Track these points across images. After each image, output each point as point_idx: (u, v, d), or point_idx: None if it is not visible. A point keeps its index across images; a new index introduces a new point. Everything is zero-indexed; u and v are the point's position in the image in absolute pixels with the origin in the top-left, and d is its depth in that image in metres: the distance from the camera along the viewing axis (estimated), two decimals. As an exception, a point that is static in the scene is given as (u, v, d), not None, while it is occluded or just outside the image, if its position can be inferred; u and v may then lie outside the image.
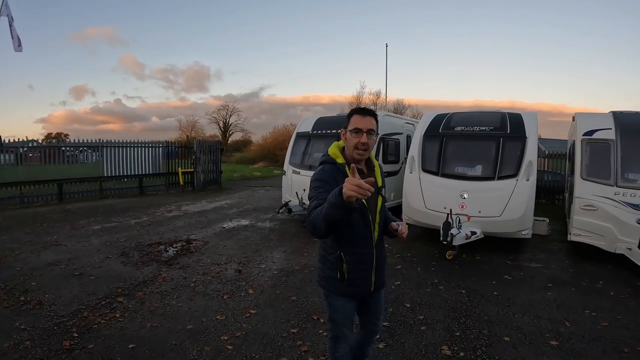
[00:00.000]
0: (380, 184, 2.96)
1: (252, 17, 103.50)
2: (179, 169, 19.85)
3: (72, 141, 17.97)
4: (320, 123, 11.92)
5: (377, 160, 3.21)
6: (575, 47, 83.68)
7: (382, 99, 48.39)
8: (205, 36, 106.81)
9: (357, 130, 2.74)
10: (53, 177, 16.09)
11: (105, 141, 17.70)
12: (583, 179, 8.13)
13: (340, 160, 2.83)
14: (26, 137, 16.05)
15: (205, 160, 20.52)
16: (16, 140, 16.01)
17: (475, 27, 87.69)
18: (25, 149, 16.50)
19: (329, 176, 2.72)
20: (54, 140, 17.43)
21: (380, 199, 2.94)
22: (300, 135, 12.04)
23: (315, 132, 11.71)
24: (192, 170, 20.05)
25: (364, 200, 2.63)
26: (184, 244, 9.03)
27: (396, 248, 8.82)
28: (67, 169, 16.98)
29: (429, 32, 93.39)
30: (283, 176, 12.07)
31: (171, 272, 7.06)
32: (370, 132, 2.75)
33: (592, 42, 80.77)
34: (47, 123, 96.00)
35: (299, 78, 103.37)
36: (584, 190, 8.06)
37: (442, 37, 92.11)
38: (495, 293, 6.27)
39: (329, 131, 11.31)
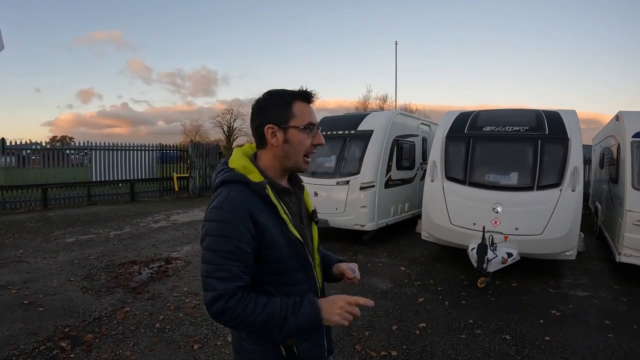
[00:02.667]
0: (310, 208, 1.96)
1: (260, 22, 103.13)
2: (174, 173, 18.70)
3: (77, 144, 16.95)
4: (325, 123, 10.60)
5: (391, 165, 1.92)
6: (582, 53, 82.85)
7: (388, 103, 47.45)
8: (213, 40, 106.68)
9: (312, 126, 1.75)
10: (36, 182, 15.21)
11: (93, 144, 16.62)
12: (635, 189, 6.93)
13: (255, 177, 1.69)
14: (29, 139, 15.28)
15: (202, 165, 19.29)
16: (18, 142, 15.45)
17: (478, 32, 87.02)
18: (28, 151, 15.95)
19: (236, 214, 1.58)
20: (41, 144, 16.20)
21: (315, 231, 1.93)
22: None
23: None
24: (187, 175, 18.84)
25: (298, 236, 1.71)
26: (162, 264, 7.70)
27: (415, 273, 7.47)
28: (53, 173, 15.84)
29: (433, 38, 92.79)
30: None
31: (136, 305, 5.73)
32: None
33: (598, 48, 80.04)
34: (54, 126, 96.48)
35: (306, 82, 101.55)
36: (637, 203, 6.86)
37: (446, 42, 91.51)
38: (547, 338, 4.94)
39: (334, 132, 10.09)
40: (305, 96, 1.74)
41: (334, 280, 2.04)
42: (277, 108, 1.71)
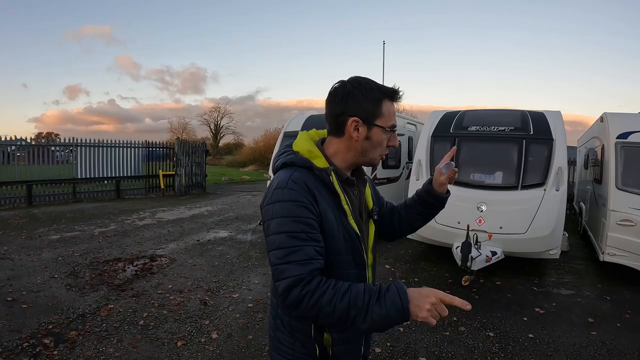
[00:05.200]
0: (371, 204, 1.83)
1: (251, 20, 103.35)
2: (160, 171, 18.56)
3: (62, 141, 16.80)
4: (311, 122, 10.57)
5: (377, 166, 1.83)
6: (571, 56, 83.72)
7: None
8: (203, 38, 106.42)
9: (394, 129, 1.68)
10: (21, 179, 14.98)
11: (79, 140, 16.42)
12: (619, 189, 7.00)
13: (320, 162, 1.61)
14: (14, 136, 15.03)
15: (188, 163, 19.19)
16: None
17: (467, 34, 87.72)
18: (13, 147, 15.59)
19: (303, 192, 1.50)
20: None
21: (372, 228, 1.81)
22: (289, 135, 10.62)
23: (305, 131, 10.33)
24: (173, 172, 18.78)
25: (357, 230, 1.62)
26: (147, 261, 7.65)
27: (400, 271, 7.48)
28: (38, 170, 15.59)
29: (422, 39, 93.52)
30: (268, 181, 10.70)
31: (120, 302, 5.68)
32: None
33: (588, 52, 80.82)
34: (40, 123, 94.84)
35: (295, 81, 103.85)
36: (620, 203, 6.92)
37: (435, 44, 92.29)
38: (530, 335, 4.97)
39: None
40: (394, 96, 1.65)
41: (430, 206, 1.96)
42: (367, 102, 1.60)
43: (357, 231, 1.61)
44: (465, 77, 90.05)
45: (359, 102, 1.59)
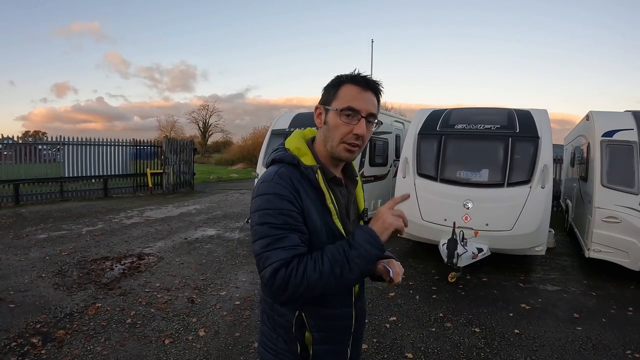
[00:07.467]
0: (362, 206, 1.82)
1: (242, 17, 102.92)
2: (148, 169, 18.48)
3: (50, 139, 16.60)
4: (299, 120, 10.59)
5: (364, 162, 1.81)
6: (559, 53, 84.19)
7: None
8: (194, 35, 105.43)
9: (352, 112, 1.54)
10: (7, 178, 14.86)
11: (66, 139, 16.28)
12: (604, 186, 7.08)
13: (307, 160, 1.61)
14: (1, 134, 14.91)
15: (176, 161, 19.13)
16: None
17: (455, 33, 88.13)
18: (0, 146, 15.42)
19: (287, 187, 1.51)
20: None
21: None
22: (276, 134, 10.62)
23: (292, 129, 10.32)
24: (161, 171, 18.72)
25: (341, 230, 1.61)
26: (134, 260, 7.63)
27: (387, 267, 7.44)
28: (25, 169, 15.47)
29: (410, 38, 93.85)
30: (255, 179, 10.70)
31: (108, 300, 5.67)
32: (370, 117, 1.58)
33: (576, 51, 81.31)
34: (27, 121, 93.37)
35: (285, 79, 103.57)
36: (605, 200, 7.02)
37: (424, 42, 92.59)
38: (516, 331, 5.03)
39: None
40: (355, 79, 1.59)
41: (375, 278, 1.89)
42: (328, 88, 1.63)
43: (342, 231, 1.61)
44: (453, 76, 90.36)
45: (325, 90, 1.64)
